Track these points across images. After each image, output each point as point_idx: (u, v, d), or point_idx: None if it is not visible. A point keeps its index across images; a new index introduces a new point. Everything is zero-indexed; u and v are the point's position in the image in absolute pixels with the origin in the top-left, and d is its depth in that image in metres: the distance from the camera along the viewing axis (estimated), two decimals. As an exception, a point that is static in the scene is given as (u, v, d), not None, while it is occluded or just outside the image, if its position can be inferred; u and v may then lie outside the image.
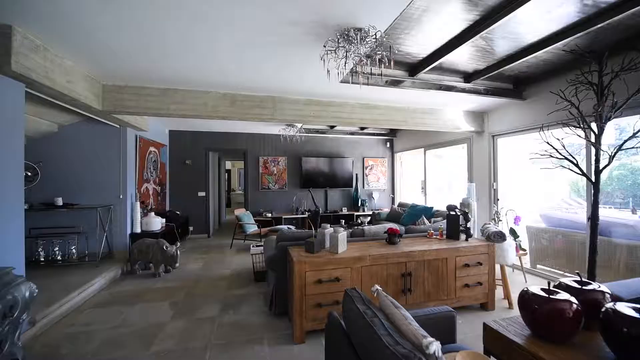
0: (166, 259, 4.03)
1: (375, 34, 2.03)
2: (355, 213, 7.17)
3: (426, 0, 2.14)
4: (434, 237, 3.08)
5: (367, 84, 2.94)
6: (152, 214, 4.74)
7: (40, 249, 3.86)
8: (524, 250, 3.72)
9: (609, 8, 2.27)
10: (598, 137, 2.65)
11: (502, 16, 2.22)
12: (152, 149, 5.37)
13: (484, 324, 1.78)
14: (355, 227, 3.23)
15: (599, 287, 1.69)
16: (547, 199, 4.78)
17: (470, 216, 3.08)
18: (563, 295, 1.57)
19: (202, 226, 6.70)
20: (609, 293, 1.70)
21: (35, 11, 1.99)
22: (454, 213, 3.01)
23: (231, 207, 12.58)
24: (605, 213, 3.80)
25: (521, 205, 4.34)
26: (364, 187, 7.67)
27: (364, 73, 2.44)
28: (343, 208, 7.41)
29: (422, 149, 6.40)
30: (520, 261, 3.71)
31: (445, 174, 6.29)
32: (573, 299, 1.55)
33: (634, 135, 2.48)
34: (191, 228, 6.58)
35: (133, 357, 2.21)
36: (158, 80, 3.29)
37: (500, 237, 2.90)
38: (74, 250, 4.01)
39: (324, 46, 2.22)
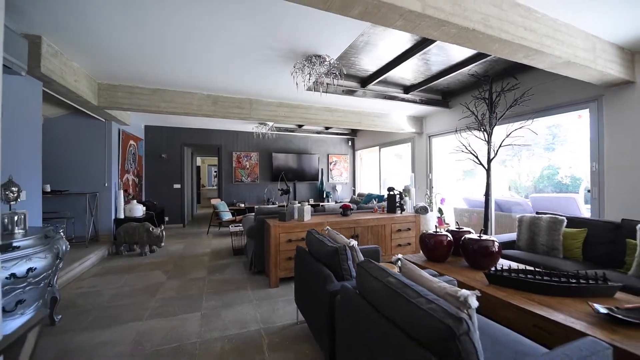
0: (152, 240, 4.54)
1: (330, 61, 2.87)
2: (321, 203, 8.02)
3: (367, 36, 3.02)
4: (378, 211, 4.01)
5: (327, 92, 3.78)
6: (135, 201, 5.16)
7: (28, 232, 4.16)
8: (447, 223, 4.83)
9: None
10: (489, 137, 3.75)
11: (423, 49, 3.17)
12: (131, 142, 5.74)
13: (399, 257, 2.69)
14: (318, 206, 4.05)
15: (467, 229, 2.69)
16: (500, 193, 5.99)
17: (404, 195, 4.06)
18: (442, 233, 2.53)
19: (177, 216, 7.12)
20: (472, 232, 2.70)
21: (56, 23, 2.45)
22: (392, 193, 3.96)
23: (201, 203, 12.82)
24: (505, 194, 5.04)
25: (456, 193, 5.49)
26: (328, 180, 8.57)
27: (322, 84, 3.27)
28: (310, 199, 8.23)
29: (378, 147, 7.45)
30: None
31: (404, 171, 7.37)
32: (449, 235, 2.52)
33: (507, 137, 3.60)
34: (167, 218, 6.96)
35: (143, 303, 2.82)
36: (150, 81, 3.83)
37: (424, 210, 3.91)
38: (62, 233, 4.33)
39: (294, 66, 3.01)
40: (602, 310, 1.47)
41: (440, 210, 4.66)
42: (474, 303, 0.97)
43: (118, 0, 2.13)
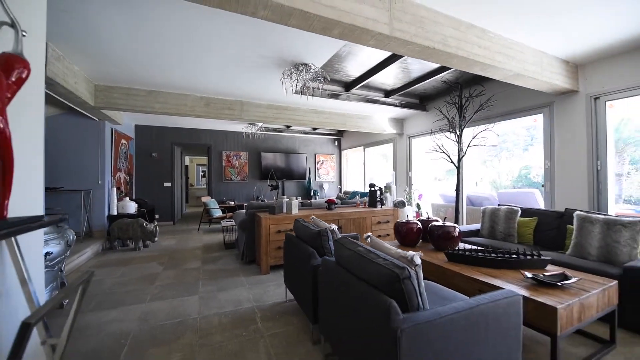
0: (145, 235, 4.73)
1: (315, 69, 3.20)
2: (308, 201, 8.34)
3: (349, 47, 3.36)
4: (360, 206, 4.37)
5: (313, 96, 4.10)
6: (127, 198, 5.33)
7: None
8: (424, 217, 5.23)
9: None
10: (459, 138, 4.17)
11: (399, 58, 3.53)
12: (123, 141, 5.88)
13: (369, 235, 3.04)
14: (305, 201, 4.37)
15: (435, 218, 3.07)
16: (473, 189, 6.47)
17: (385, 191, 4.43)
18: (413, 221, 2.89)
19: (168, 214, 7.27)
20: (439, 220, 3.08)
21: (60, 27, 2.62)
22: (373, 189, 4.32)
23: (189, 202, 12.88)
24: (477, 191, 5.51)
25: (434, 190, 5.92)
26: (315, 179, 8.90)
27: (308, 88, 3.59)
28: (298, 197, 8.53)
29: (362, 147, 7.83)
30: (422, 226, 5.22)
31: (388, 170, 7.78)
32: (418, 223, 2.89)
33: (474, 138, 4.03)
34: (157, 216, 7.10)
35: (144, 289, 3.05)
36: (146, 83, 4.04)
37: (402, 204, 4.29)
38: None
39: (283, 72, 3.32)
40: (529, 275, 1.86)
41: (418, 205, 5.07)
42: (418, 260, 1.32)
43: (119, 1, 2.27)
